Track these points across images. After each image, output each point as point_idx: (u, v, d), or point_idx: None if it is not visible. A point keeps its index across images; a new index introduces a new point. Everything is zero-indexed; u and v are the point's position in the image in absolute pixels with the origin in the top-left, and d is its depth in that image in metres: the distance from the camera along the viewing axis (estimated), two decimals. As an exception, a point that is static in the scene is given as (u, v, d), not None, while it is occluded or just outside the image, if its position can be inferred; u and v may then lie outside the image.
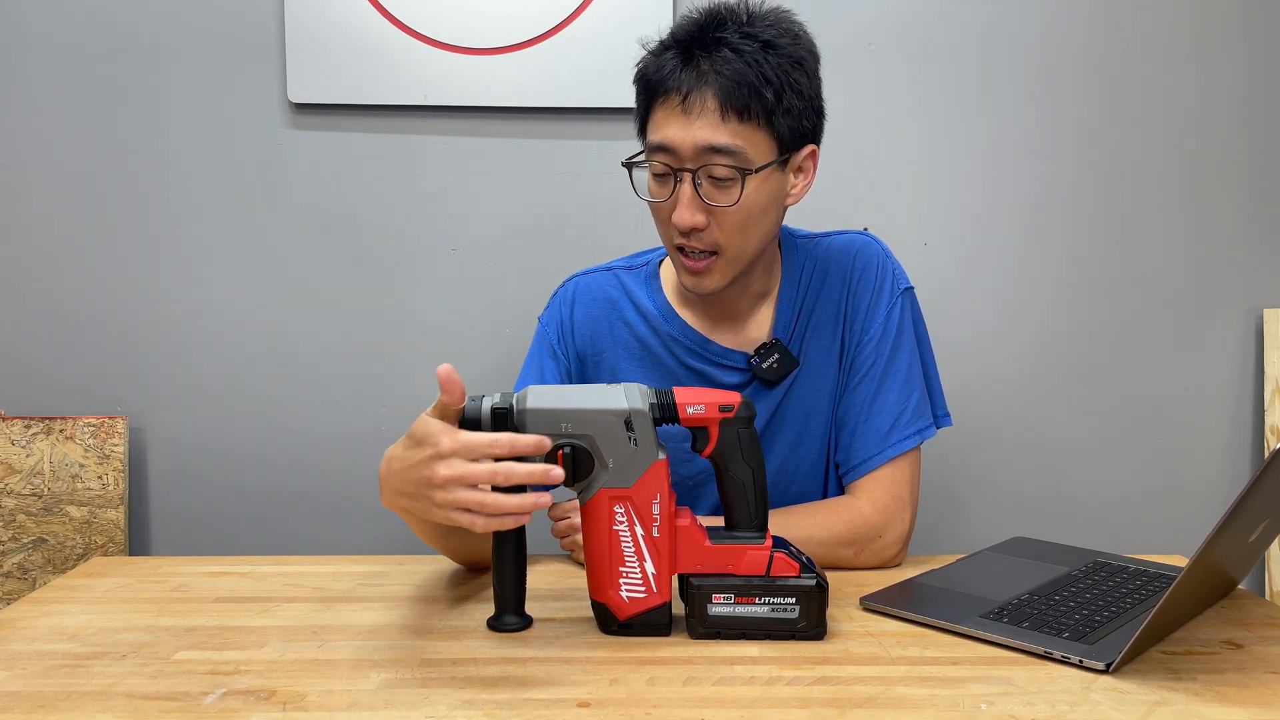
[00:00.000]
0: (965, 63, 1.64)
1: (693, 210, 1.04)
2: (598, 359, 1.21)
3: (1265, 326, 1.68)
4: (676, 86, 1.03)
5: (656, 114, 1.06)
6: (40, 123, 1.62)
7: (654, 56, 1.07)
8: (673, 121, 1.03)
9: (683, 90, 1.03)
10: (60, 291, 1.64)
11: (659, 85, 1.05)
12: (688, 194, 1.04)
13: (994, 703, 0.75)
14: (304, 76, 1.59)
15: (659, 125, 1.05)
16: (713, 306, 1.18)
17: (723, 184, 1.04)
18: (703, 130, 1.02)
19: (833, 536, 1.08)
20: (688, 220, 1.04)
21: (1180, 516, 1.70)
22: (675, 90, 1.03)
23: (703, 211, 1.05)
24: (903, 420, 1.14)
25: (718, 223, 1.05)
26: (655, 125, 1.06)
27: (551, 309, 1.25)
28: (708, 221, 1.05)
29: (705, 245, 1.07)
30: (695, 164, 1.03)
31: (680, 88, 1.03)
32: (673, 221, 1.05)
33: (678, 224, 1.05)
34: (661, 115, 1.05)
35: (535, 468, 0.81)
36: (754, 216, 1.06)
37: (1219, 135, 1.66)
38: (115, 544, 1.61)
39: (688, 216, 1.04)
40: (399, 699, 0.76)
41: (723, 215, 1.05)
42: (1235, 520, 0.78)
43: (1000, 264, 1.67)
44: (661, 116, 1.05)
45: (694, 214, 1.04)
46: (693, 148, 1.03)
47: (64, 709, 0.74)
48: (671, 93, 1.03)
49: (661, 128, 1.05)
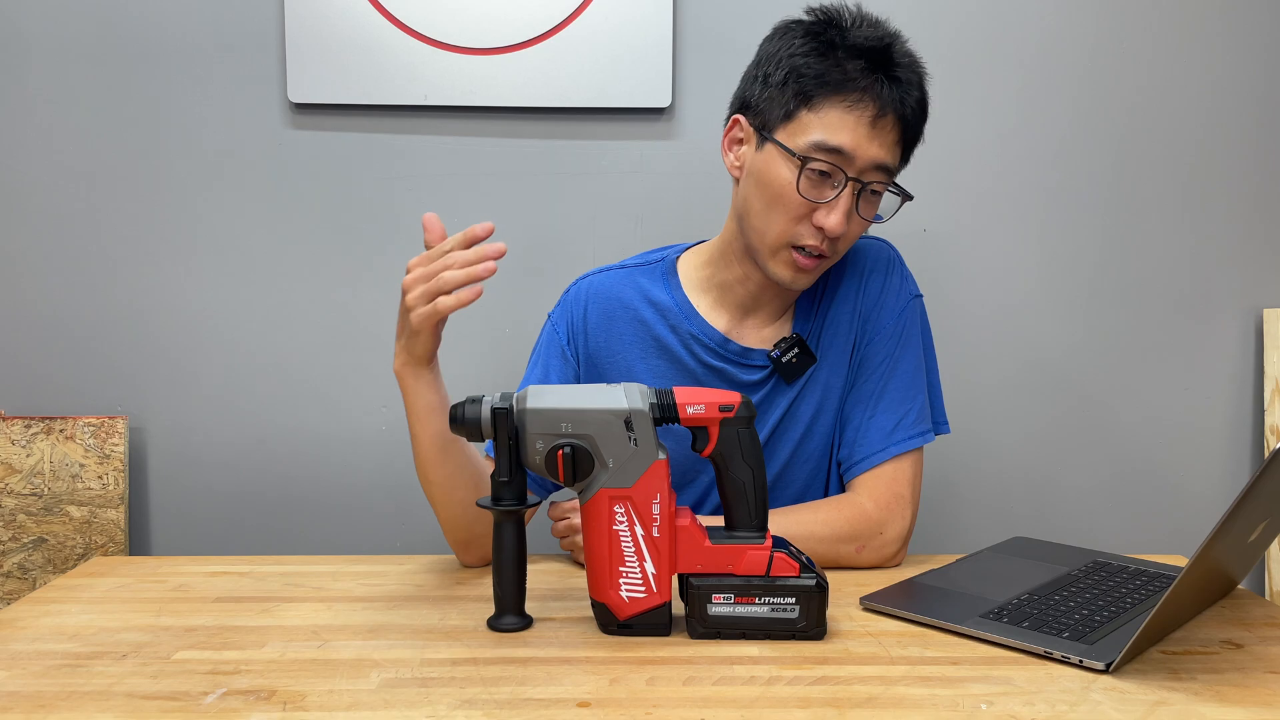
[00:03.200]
0: (964, 63, 1.64)
1: (845, 219, 1.06)
2: (612, 358, 1.21)
3: (1265, 326, 1.68)
4: (876, 98, 1.04)
5: (833, 113, 1.05)
6: (40, 122, 1.62)
7: (827, 55, 1.05)
8: (858, 129, 1.05)
9: (881, 104, 1.05)
10: (60, 291, 1.64)
11: (846, 87, 1.04)
12: (848, 203, 1.06)
13: (994, 703, 0.75)
14: (304, 76, 1.59)
15: (837, 126, 1.05)
16: (741, 305, 1.19)
17: (872, 199, 1.09)
18: (883, 149, 1.06)
19: (834, 533, 1.08)
20: (842, 227, 1.06)
21: (1180, 516, 1.70)
22: (873, 100, 1.04)
23: (849, 220, 1.07)
24: (907, 420, 1.15)
25: (847, 234, 1.08)
26: (831, 124, 1.05)
27: (562, 308, 1.24)
28: (846, 231, 1.08)
29: (829, 251, 1.09)
30: (864, 177, 1.06)
31: (878, 102, 1.04)
32: (822, 224, 1.06)
33: (831, 229, 1.06)
34: (844, 118, 1.04)
35: (472, 239, 0.97)
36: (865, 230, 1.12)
37: (1219, 135, 1.66)
38: (115, 544, 1.61)
39: (843, 224, 1.06)
40: (399, 699, 0.76)
41: (857, 226, 1.09)
42: (1235, 520, 0.78)
43: (1000, 264, 1.67)
44: (842, 119, 1.05)
45: (845, 222, 1.06)
46: (869, 161, 1.06)
47: (64, 709, 0.74)
48: (868, 102, 1.04)
49: (839, 130, 1.05)
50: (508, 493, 0.89)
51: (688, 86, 1.61)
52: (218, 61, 1.61)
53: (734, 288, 1.18)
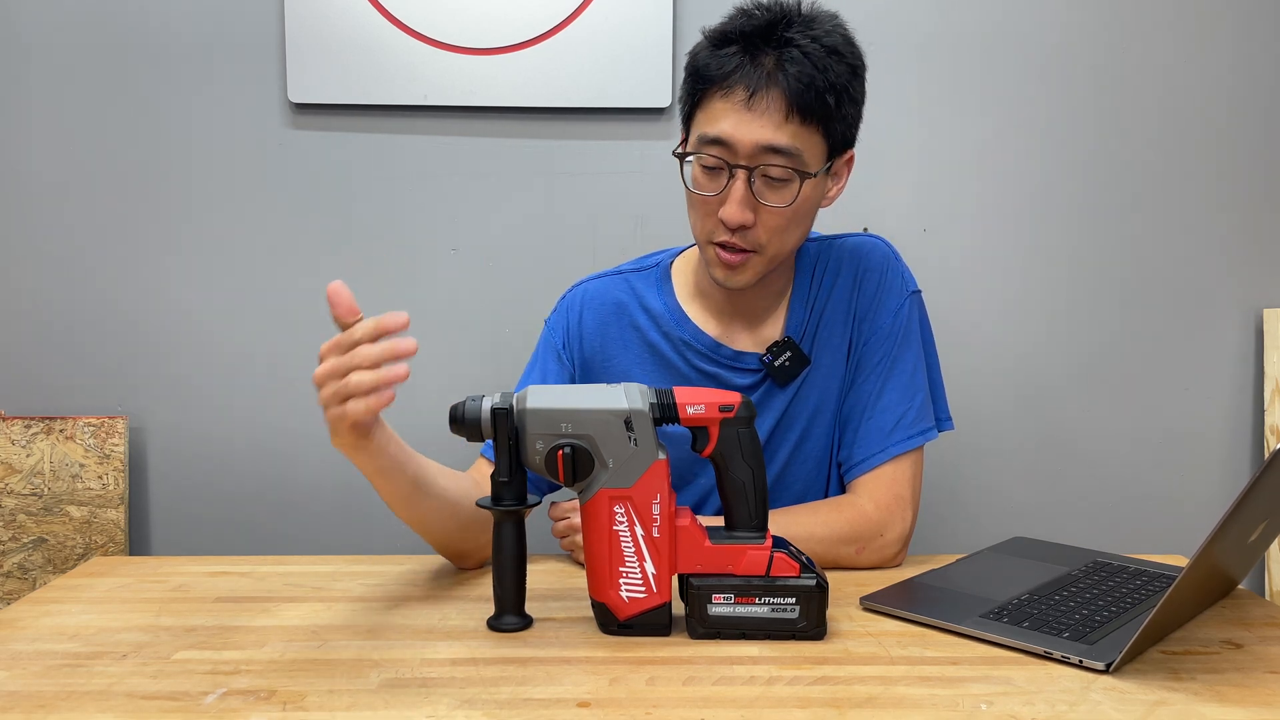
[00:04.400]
0: (964, 64, 1.64)
1: (743, 208, 1.04)
2: (607, 364, 1.21)
3: (1265, 326, 1.68)
4: (744, 80, 1.01)
5: (714, 105, 1.03)
6: (40, 122, 1.62)
7: (714, 47, 1.04)
8: (733, 116, 1.02)
9: (750, 85, 1.01)
10: (60, 291, 1.64)
11: (721, 77, 1.02)
12: (741, 191, 1.03)
13: (994, 703, 0.75)
14: (304, 76, 1.59)
15: (716, 117, 1.03)
16: (727, 307, 1.18)
17: (776, 184, 1.04)
18: (765, 129, 1.01)
19: (834, 534, 1.08)
20: (738, 217, 1.04)
21: (1180, 516, 1.70)
22: (742, 84, 1.01)
23: (752, 210, 1.04)
24: (906, 419, 1.15)
25: (763, 222, 1.05)
26: (712, 117, 1.04)
27: (559, 313, 1.25)
28: (755, 220, 1.05)
29: (748, 244, 1.06)
30: (752, 162, 1.03)
31: (748, 83, 1.01)
32: (721, 217, 1.05)
33: (727, 220, 1.04)
34: (721, 107, 1.03)
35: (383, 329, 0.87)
36: (798, 218, 1.07)
37: (1219, 135, 1.66)
38: (115, 544, 1.61)
39: (738, 214, 1.04)
40: (399, 699, 0.76)
41: (770, 215, 1.05)
42: (1235, 520, 0.78)
43: (1000, 264, 1.67)
44: (721, 109, 1.03)
45: (744, 212, 1.04)
46: (752, 145, 1.02)
47: (64, 709, 0.74)
48: (736, 87, 1.01)
49: (718, 120, 1.03)
50: (508, 493, 0.89)
51: (688, 86, 1.61)
52: (218, 61, 1.61)
53: (713, 291, 1.18)
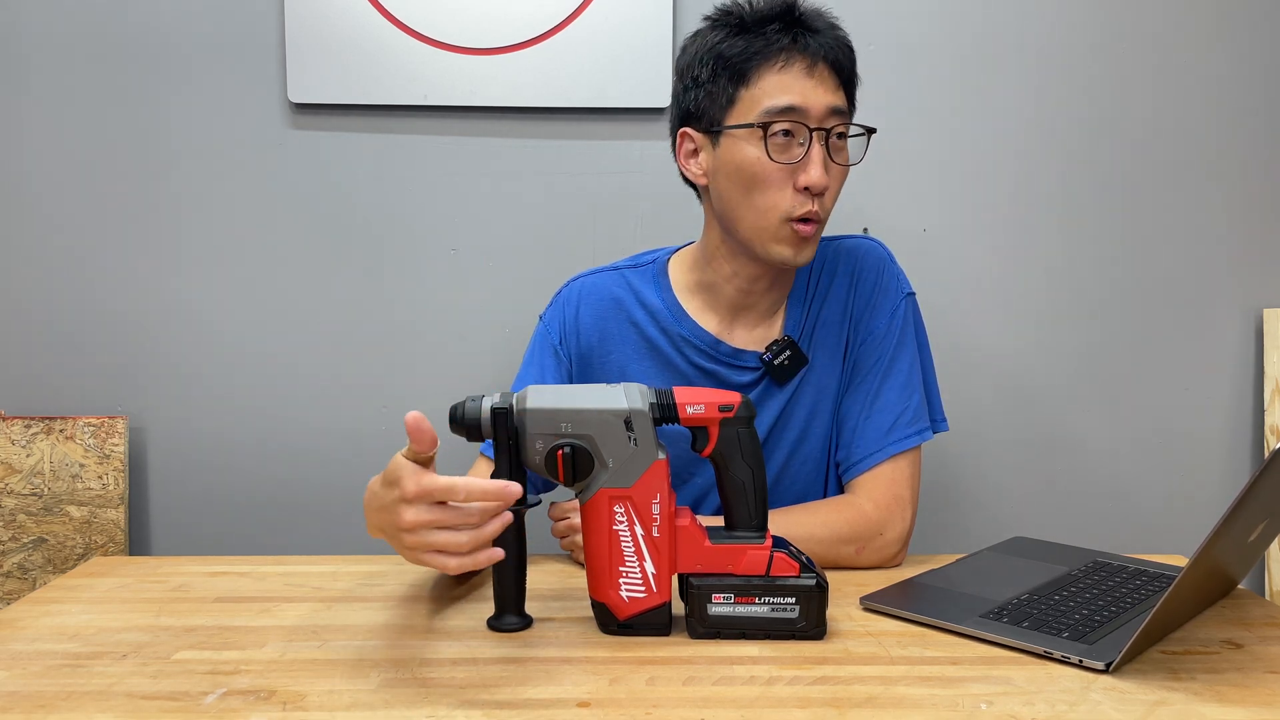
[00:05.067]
0: (964, 63, 1.64)
1: (824, 170, 1.06)
2: (605, 359, 1.21)
3: (1265, 326, 1.68)
4: (803, 52, 1.06)
5: (769, 80, 1.06)
6: (40, 122, 1.61)
7: (743, 33, 1.08)
8: (799, 83, 1.06)
9: (809, 56, 1.06)
10: (60, 291, 1.64)
11: (776, 51, 1.06)
12: (820, 154, 1.06)
13: (994, 702, 0.75)
14: (304, 76, 1.59)
15: (779, 88, 1.06)
16: (729, 304, 1.18)
17: (840, 145, 1.09)
18: (829, 94, 1.07)
19: (834, 534, 1.08)
20: (823, 180, 1.06)
21: (1180, 516, 1.70)
22: (801, 55, 1.06)
23: (828, 171, 1.07)
24: (904, 419, 1.15)
25: (830, 187, 1.08)
26: (772, 90, 1.06)
27: (555, 308, 1.25)
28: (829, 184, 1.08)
29: (822, 213, 1.09)
30: (823, 124, 1.06)
31: (806, 54, 1.06)
32: (809, 183, 1.06)
33: (814, 184, 1.05)
34: (780, 80, 1.06)
35: (492, 498, 0.78)
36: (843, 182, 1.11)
37: (1219, 134, 1.66)
38: (115, 544, 1.61)
39: (823, 176, 1.06)
40: (399, 699, 0.76)
41: (836, 177, 1.09)
42: (1235, 520, 0.78)
43: (999, 264, 1.67)
44: (780, 80, 1.06)
45: (825, 174, 1.06)
46: (823, 108, 1.06)
47: (64, 709, 0.74)
48: (796, 59, 1.06)
49: (783, 91, 1.06)
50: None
51: (688, 86, 1.61)
52: (218, 61, 1.61)
53: (722, 287, 1.18)
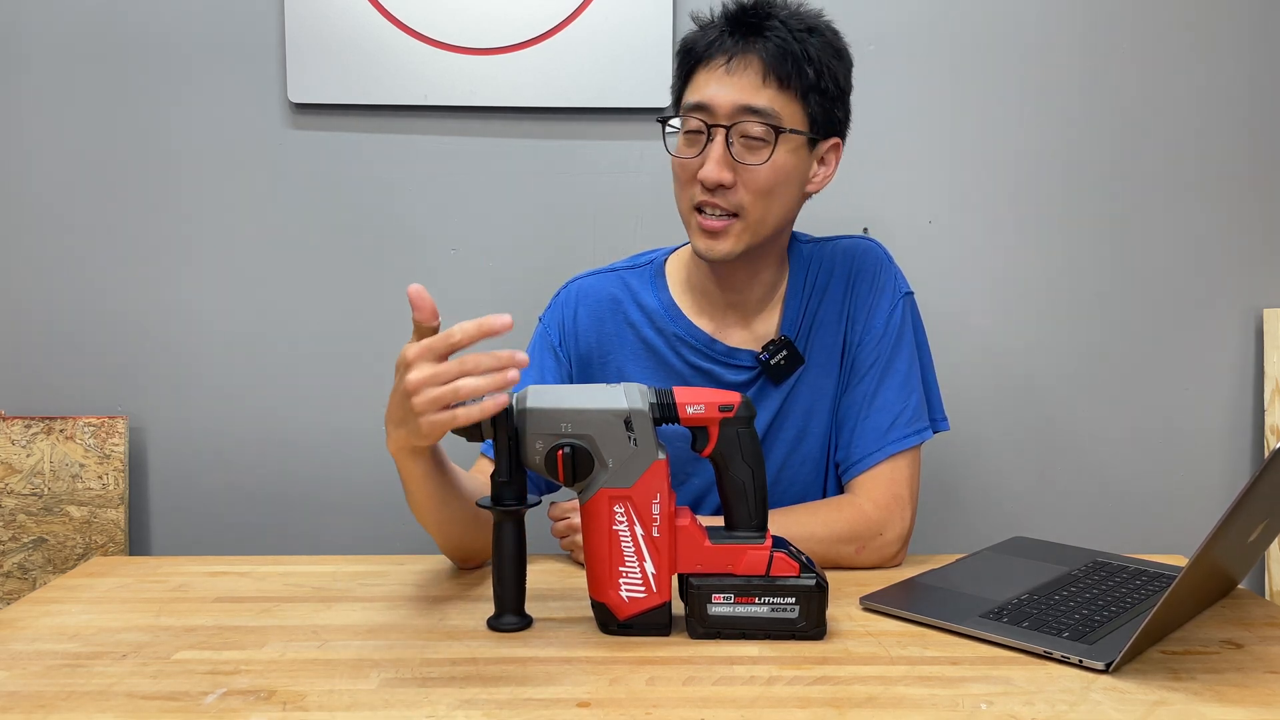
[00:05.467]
0: (965, 63, 1.64)
1: (721, 166, 1.06)
2: (603, 360, 1.21)
3: (1265, 326, 1.68)
4: (723, 50, 1.07)
5: (698, 77, 1.09)
6: (40, 122, 1.62)
7: (701, 29, 1.11)
8: (713, 82, 1.07)
9: (728, 53, 1.07)
10: (60, 291, 1.64)
11: (705, 51, 1.08)
12: (719, 149, 1.06)
13: (994, 703, 0.75)
14: (304, 76, 1.59)
15: (699, 86, 1.08)
16: (721, 303, 1.18)
17: (754, 145, 1.07)
18: (742, 91, 1.06)
19: (834, 534, 1.08)
20: (715, 175, 1.06)
21: (1180, 516, 1.70)
22: (721, 53, 1.07)
23: (730, 170, 1.07)
24: (902, 419, 1.15)
25: (743, 184, 1.07)
26: (695, 87, 1.09)
27: (553, 310, 1.25)
28: (734, 180, 1.07)
29: (728, 206, 1.08)
30: (729, 121, 1.06)
31: (726, 51, 1.07)
32: (699, 177, 1.07)
33: (705, 179, 1.06)
34: (703, 77, 1.08)
35: (485, 330, 0.86)
36: (779, 183, 1.09)
37: (1219, 134, 1.66)
38: (115, 544, 1.61)
39: (715, 171, 1.06)
40: (399, 699, 0.76)
41: (750, 176, 1.07)
42: (1235, 520, 0.78)
43: (999, 264, 1.67)
44: (703, 78, 1.08)
45: (722, 170, 1.06)
46: (730, 106, 1.06)
47: (64, 709, 0.74)
48: (717, 56, 1.07)
49: (701, 88, 1.08)
50: (508, 493, 0.89)
51: (688, 86, 1.61)
52: (218, 61, 1.61)
53: (707, 284, 1.18)
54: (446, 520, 1.03)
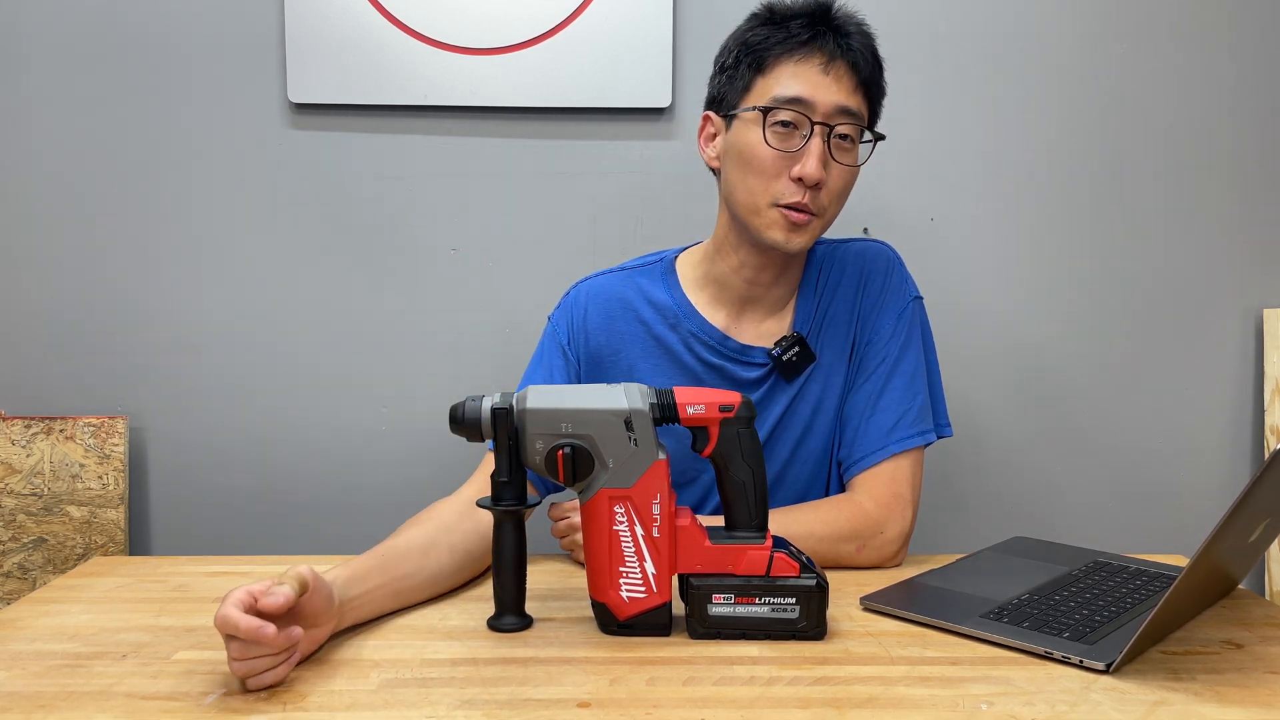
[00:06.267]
0: (965, 64, 1.64)
1: (821, 164, 1.08)
2: (614, 359, 1.21)
3: (1265, 326, 1.68)
4: (821, 49, 1.09)
5: (785, 70, 1.09)
6: (40, 122, 1.61)
7: (775, 23, 1.11)
8: (811, 78, 1.08)
9: (826, 53, 1.09)
10: (60, 291, 1.64)
11: (796, 44, 1.09)
12: (820, 148, 1.08)
13: (994, 703, 0.75)
14: (304, 76, 1.59)
15: (793, 79, 1.09)
16: (736, 299, 1.19)
17: (845, 145, 1.11)
18: (841, 94, 1.09)
19: (834, 532, 1.08)
20: (817, 173, 1.08)
21: (1180, 516, 1.70)
22: (819, 52, 1.09)
23: (826, 169, 1.09)
24: (906, 419, 1.15)
25: (830, 183, 1.10)
26: (787, 79, 1.09)
27: (563, 310, 1.25)
28: (824, 180, 1.09)
29: (816, 206, 1.10)
30: (829, 120, 1.08)
31: (824, 50, 1.09)
32: (799, 174, 1.08)
33: (808, 175, 1.08)
34: (795, 71, 1.09)
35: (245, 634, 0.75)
36: (849, 186, 1.13)
37: (1219, 134, 1.66)
38: (115, 544, 1.61)
39: (818, 170, 1.07)
40: (399, 699, 0.76)
41: (838, 176, 1.11)
42: (1235, 520, 0.78)
43: (999, 265, 1.67)
44: (795, 72, 1.09)
45: (821, 168, 1.08)
46: (830, 105, 1.08)
47: (64, 709, 0.74)
48: (814, 54, 1.09)
49: (793, 81, 1.08)
50: (508, 493, 0.89)
51: (688, 86, 1.61)
52: (218, 61, 1.61)
53: (730, 279, 1.18)
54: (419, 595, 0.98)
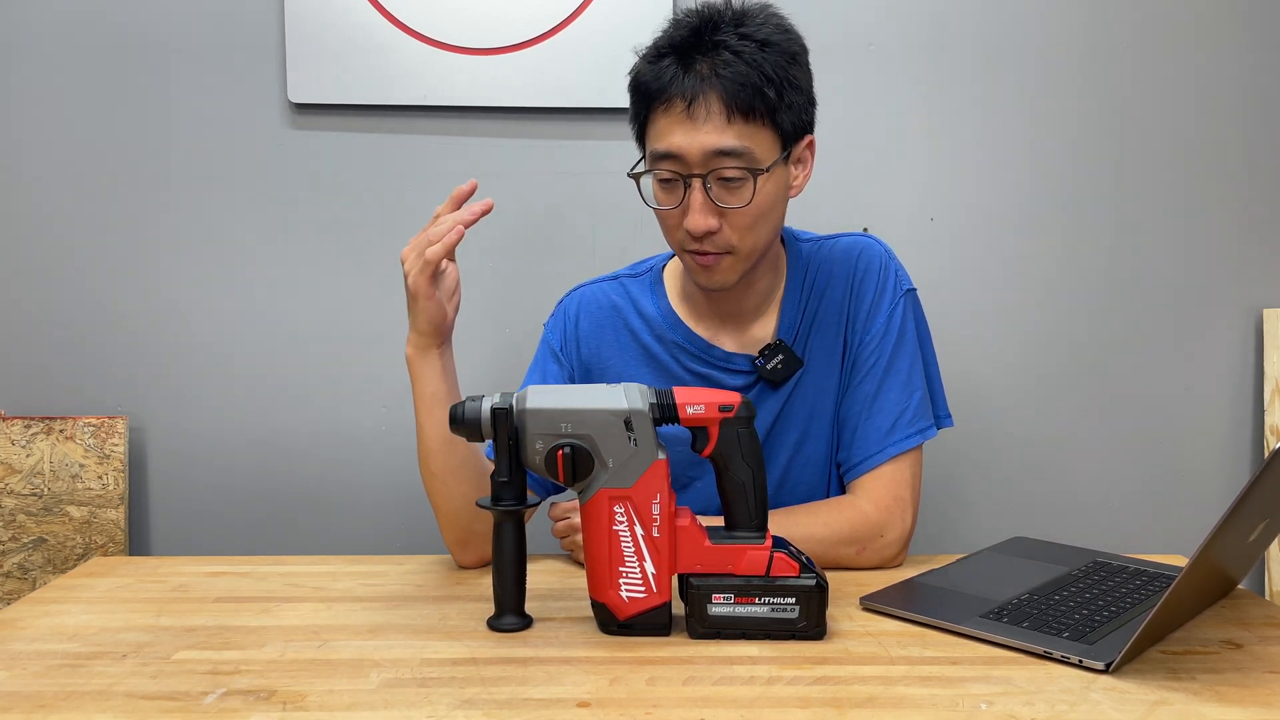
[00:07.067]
0: (964, 63, 1.64)
1: (705, 215, 1.04)
2: (604, 367, 1.21)
3: (1265, 326, 1.68)
4: (680, 92, 1.02)
5: (658, 121, 1.04)
6: (40, 122, 1.62)
7: (649, 63, 1.06)
8: (677, 128, 1.02)
9: (686, 96, 1.02)
10: (60, 291, 1.64)
11: (660, 92, 1.03)
12: (699, 200, 1.04)
13: (994, 703, 0.75)
14: (304, 76, 1.59)
15: (663, 133, 1.04)
16: (717, 309, 1.18)
17: (733, 185, 1.04)
18: (710, 135, 1.02)
19: (834, 535, 1.08)
20: (701, 225, 1.04)
21: (1180, 516, 1.70)
22: (679, 96, 1.02)
23: (715, 215, 1.04)
24: (904, 419, 1.15)
25: (729, 223, 1.05)
26: (658, 133, 1.04)
27: (555, 318, 1.25)
28: (720, 224, 1.05)
29: (719, 248, 1.06)
30: (704, 169, 1.03)
31: (684, 93, 1.02)
32: (685, 228, 1.05)
33: (691, 230, 1.04)
34: (665, 122, 1.04)
35: (464, 208, 1.03)
36: (764, 214, 1.07)
37: (1219, 134, 1.66)
38: (115, 544, 1.61)
39: (701, 221, 1.04)
40: (399, 699, 0.76)
41: (735, 216, 1.05)
42: (1235, 520, 0.78)
43: (1000, 265, 1.67)
44: (665, 124, 1.04)
45: (707, 218, 1.04)
46: (701, 153, 1.02)
47: (64, 709, 0.74)
48: (675, 99, 1.02)
49: (666, 135, 1.03)
50: (508, 493, 0.89)
51: (688, 86, 1.61)
52: (218, 61, 1.61)
53: (698, 295, 1.18)
54: (449, 471, 1.05)
